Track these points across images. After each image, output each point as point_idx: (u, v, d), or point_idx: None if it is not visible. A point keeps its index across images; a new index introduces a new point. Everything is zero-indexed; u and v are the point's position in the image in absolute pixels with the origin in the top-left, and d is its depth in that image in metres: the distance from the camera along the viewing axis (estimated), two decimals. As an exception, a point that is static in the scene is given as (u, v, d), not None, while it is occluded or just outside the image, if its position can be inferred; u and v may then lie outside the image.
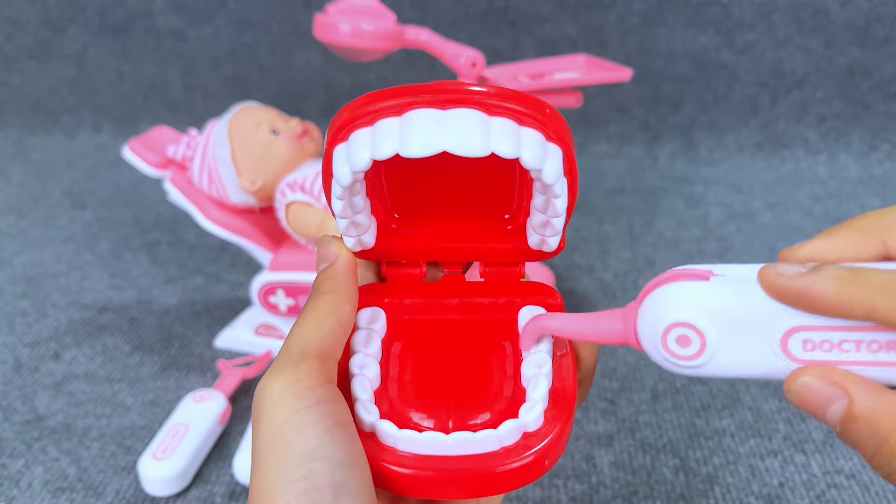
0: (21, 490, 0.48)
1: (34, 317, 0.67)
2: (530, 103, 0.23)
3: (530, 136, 0.23)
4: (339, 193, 0.24)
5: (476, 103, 0.23)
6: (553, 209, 0.25)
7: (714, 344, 0.22)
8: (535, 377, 0.25)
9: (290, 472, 0.20)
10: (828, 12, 0.98)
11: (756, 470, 0.49)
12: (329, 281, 0.25)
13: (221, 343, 0.63)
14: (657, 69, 1.03)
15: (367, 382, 0.25)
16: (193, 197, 0.58)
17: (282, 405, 0.21)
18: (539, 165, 0.23)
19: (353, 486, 0.21)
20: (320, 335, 0.23)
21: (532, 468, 0.23)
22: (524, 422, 0.24)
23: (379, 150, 0.23)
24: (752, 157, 1.04)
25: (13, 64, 1.13)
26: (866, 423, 0.19)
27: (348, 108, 0.24)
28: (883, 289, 0.19)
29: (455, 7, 1.01)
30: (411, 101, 0.23)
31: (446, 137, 0.22)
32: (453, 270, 0.30)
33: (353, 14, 0.54)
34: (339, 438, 0.21)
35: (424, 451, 0.23)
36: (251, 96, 1.06)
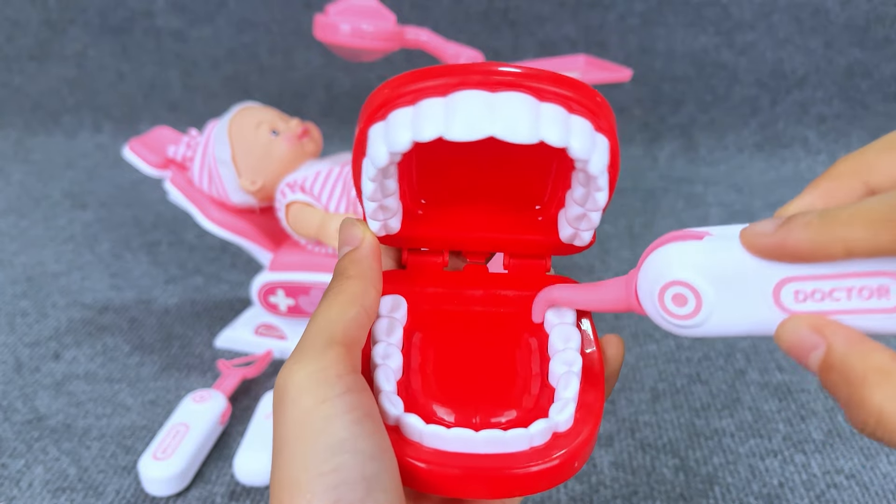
0: (21, 490, 0.48)
1: (34, 317, 0.67)
2: (581, 90, 0.22)
3: (580, 125, 0.22)
4: (373, 175, 0.23)
5: (527, 87, 0.22)
6: (593, 202, 0.24)
7: (710, 301, 0.22)
8: (566, 375, 0.24)
9: (319, 464, 0.20)
10: (828, 12, 0.98)
11: (756, 470, 0.49)
12: (354, 265, 0.24)
13: (221, 343, 0.63)
14: (657, 69, 1.03)
15: (390, 373, 0.24)
16: (193, 197, 0.58)
17: (308, 393, 0.21)
18: (587, 156, 0.22)
19: (384, 481, 0.20)
20: (346, 321, 0.23)
21: (561, 470, 0.23)
22: (555, 422, 0.23)
23: (421, 131, 0.21)
24: (752, 158, 1.04)
25: (13, 64, 1.13)
26: (840, 370, 0.19)
27: (388, 86, 0.23)
28: (851, 222, 0.19)
29: (455, 7, 1.01)
30: (459, 82, 0.22)
31: (494, 122, 0.21)
32: (476, 261, 0.29)
33: (353, 14, 0.54)
34: (369, 430, 0.21)
35: (451, 447, 0.22)
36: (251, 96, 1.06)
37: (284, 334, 0.61)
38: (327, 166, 0.56)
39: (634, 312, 0.24)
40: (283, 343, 0.61)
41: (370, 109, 0.23)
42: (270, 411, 0.51)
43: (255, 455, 0.48)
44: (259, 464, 0.47)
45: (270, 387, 0.57)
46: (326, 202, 0.55)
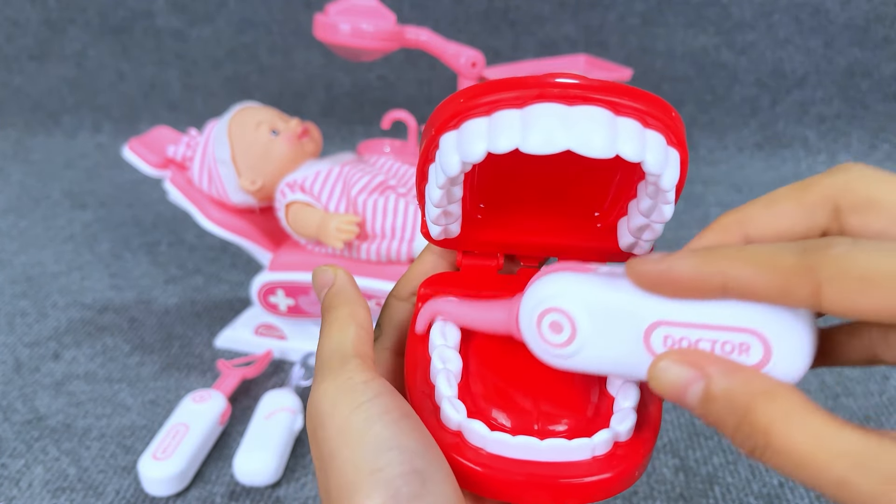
0: (21, 490, 0.48)
1: (34, 317, 0.67)
2: (656, 104, 0.22)
3: (654, 140, 0.22)
4: (442, 182, 0.23)
5: (604, 101, 0.22)
6: (660, 214, 0.24)
7: (584, 333, 0.22)
8: (626, 385, 0.24)
9: (370, 462, 0.20)
10: (828, 12, 0.98)
11: (756, 470, 0.49)
12: (336, 297, 0.26)
13: (221, 343, 0.63)
14: (657, 69, 1.03)
15: (451, 377, 0.24)
16: (193, 197, 0.58)
17: (342, 404, 0.21)
18: (660, 171, 0.22)
19: (436, 475, 0.21)
20: (350, 339, 0.24)
21: (622, 479, 0.23)
22: (617, 431, 0.23)
23: (496, 142, 0.21)
24: (752, 157, 1.04)
25: (13, 64, 1.13)
26: (725, 399, 0.19)
27: (463, 95, 0.22)
28: (734, 259, 0.19)
29: (455, 7, 1.01)
30: (536, 94, 0.21)
31: (571, 136, 0.21)
32: (530, 265, 0.29)
33: (354, 14, 0.54)
34: (409, 428, 0.21)
35: (514, 454, 0.23)
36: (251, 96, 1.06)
37: (284, 334, 0.61)
38: (327, 166, 0.56)
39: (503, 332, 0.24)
40: (283, 343, 0.61)
41: (443, 118, 0.23)
42: (270, 411, 0.51)
43: (254, 455, 0.48)
44: (259, 464, 0.47)
45: (270, 387, 0.57)
46: (326, 202, 0.55)
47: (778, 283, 0.19)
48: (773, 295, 0.19)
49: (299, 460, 0.50)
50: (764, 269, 0.19)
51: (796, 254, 0.19)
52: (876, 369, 0.59)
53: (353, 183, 0.55)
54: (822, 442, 0.17)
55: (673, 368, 0.20)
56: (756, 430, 0.18)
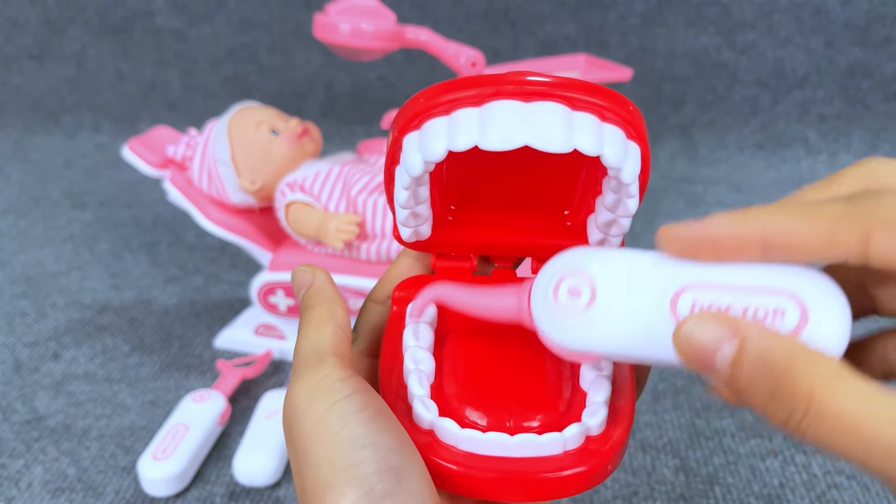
0: (21, 490, 0.48)
1: (34, 317, 0.67)
2: (613, 99, 0.22)
3: (612, 134, 0.22)
4: (407, 183, 0.24)
5: (560, 97, 0.22)
6: (624, 208, 0.24)
7: (604, 296, 0.21)
8: (597, 380, 0.25)
9: (344, 459, 0.20)
10: (828, 12, 0.98)
11: (756, 470, 0.49)
12: (314, 297, 0.26)
13: (221, 343, 0.63)
14: (657, 69, 1.03)
15: (423, 377, 0.25)
16: (193, 197, 0.58)
17: (317, 401, 0.21)
18: (619, 164, 0.22)
19: (411, 472, 0.21)
20: (327, 338, 0.24)
21: (595, 473, 0.23)
22: (588, 426, 0.23)
23: (456, 141, 0.22)
24: (752, 157, 1.04)
25: (13, 64, 1.13)
26: (761, 360, 0.18)
27: (423, 96, 0.23)
28: (777, 210, 0.18)
29: (455, 7, 1.01)
30: (493, 92, 0.22)
31: (528, 131, 0.21)
32: (504, 265, 0.29)
33: (353, 14, 0.54)
34: (384, 426, 0.21)
35: (487, 451, 0.23)
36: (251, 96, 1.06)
37: (284, 334, 0.61)
38: (327, 166, 0.56)
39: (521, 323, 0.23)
40: (282, 343, 0.61)
41: (405, 119, 0.23)
42: (270, 412, 0.51)
43: (254, 455, 0.48)
44: (258, 464, 0.47)
45: (270, 387, 0.57)
46: (326, 202, 0.55)
47: (825, 232, 0.18)
48: (818, 246, 0.18)
49: (299, 461, 0.50)
50: (810, 217, 0.18)
51: (844, 204, 0.18)
52: (876, 369, 0.59)
53: (353, 183, 0.55)
54: (871, 407, 0.16)
55: (704, 326, 0.19)
56: (797, 394, 0.17)
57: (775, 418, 0.18)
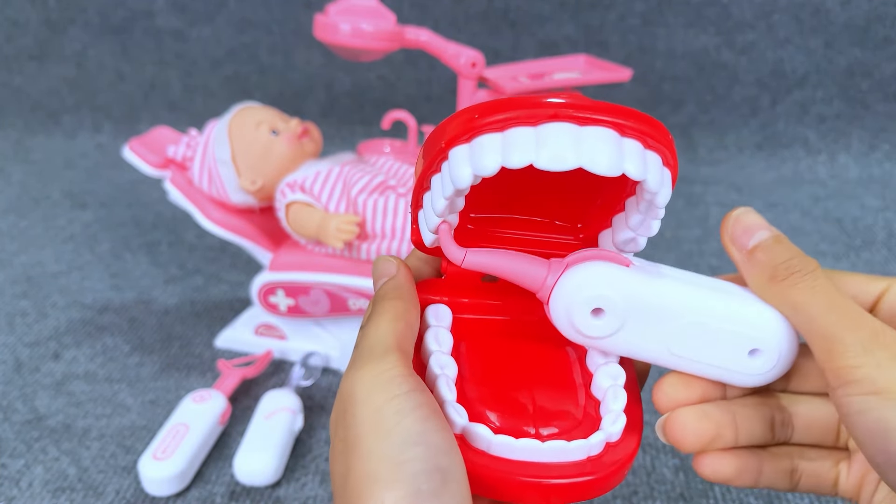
0: (21, 490, 0.48)
1: (34, 317, 0.67)
2: (656, 128, 0.24)
3: (654, 160, 0.24)
4: (450, 194, 0.24)
5: (611, 123, 0.23)
6: (647, 229, 0.26)
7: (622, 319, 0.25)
8: (613, 388, 0.26)
9: (396, 455, 0.20)
10: (828, 12, 0.98)
11: (756, 470, 0.49)
12: (394, 290, 0.26)
13: (221, 343, 0.63)
14: (657, 69, 1.03)
15: (451, 382, 0.25)
16: (193, 197, 0.58)
17: (378, 392, 0.22)
18: (658, 189, 0.24)
19: (456, 474, 0.21)
20: (397, 333, 0.24)
21: (614, 477, 0.24)
22: (609, 432, 0.25)
23: (510, 158, 0.23)
24: (752, 157, 1.04)
25: (13, 64, 1.13)
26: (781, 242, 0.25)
27: (478, 111, 0.24)
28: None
29: (455, 7, 1.01)
30: (551, 115, 0.23)
31: (581, 155, 0.22)
32: None
33: (354, 14, 0.54)
34: (437, 426, 0.22)
35: (517, 456, 0.24)
36: (251, 96, 1.06)
37: (284, 334, 0.61)
38: (327, 166, 0.56)
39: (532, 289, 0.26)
40: (283, 343, 0.61)
41: (456, 131, 0.24)
42: (270, 411, 0.51)
43: (254, 455, 0.48)
44: (259, 464, 0.47)
45: (270, 387, 0.57)
46: (326, 202, 0.55)
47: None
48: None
49: (299, 460, 0.50)
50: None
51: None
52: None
53: (353, 183, 0.55)
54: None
55: (749, 216, 0.27)
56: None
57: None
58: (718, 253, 0.79)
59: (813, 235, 0.83)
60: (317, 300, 0.58)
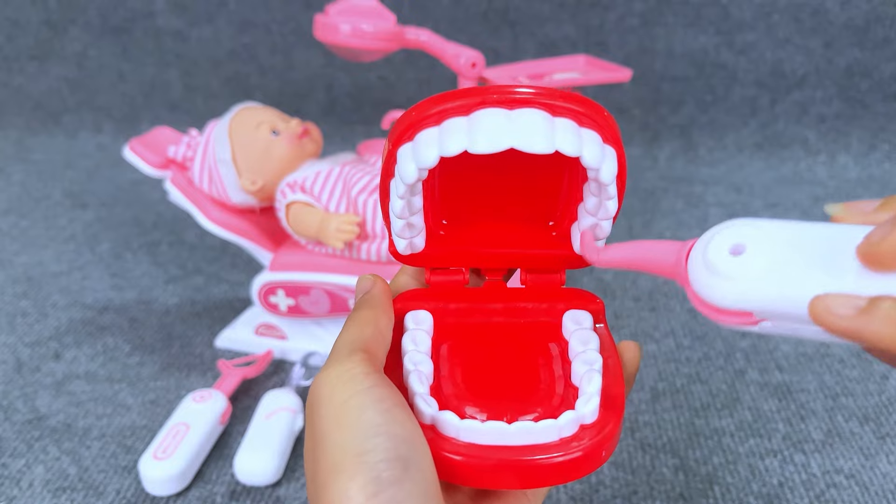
0: (22, 490, 0.48)
1: (35, 317, 0.67)
2: (589, 106, 0.24)
3: (590, 137, 0.24)
4: (402, 192, 0.25)
5: (541, 104, 0.24)
6: (605, 211, 0.26)
7: (762, 256, 0.21)
8: (588, 373, 0.26)
9: (358, 445, 0.21)
10: (827, 12, 0.98)
11: (755, 469, 0.49)
12: (367, 301, 0.28)
13: (222, 343, 0.63)
14: (657, 69, 1.03)
15: (423, 377, 0.26)
16: (194, 197, 0.58)
17: (340, 389, 0.23)
18: (598, 165, 0.24)
19: (419, 462, 0.22)
20: (364, 337, 0.25)
21: (589, 459, 0.24)
22: (581, 413, 0.24)
23: (447, 146, 0.23)
24: (751, 158, 1.04)
25: (14, 64, 1.13)
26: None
27: (415, 109, 0.25)
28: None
29: (455, 7, 1.01)
30: (479, 102, 0.24)
31: (513, 134, 0.23)
32: (494, 277, 0.31)
33: (354, 14, 0.54)
34: (400, 418, 0.22)
35: (486, 440, 0.24)
36: (252, 97, 1.06)
37: (284, 334, 0.61)
38: (327, 166, 0.56)
39: (672, 278, 0.24)
40: (283, 343, 0.61)
41: (398, 132, 0.25)
42: (271, 411, 0.51)
43: (255, 455, 0.48)
44: (259, 463, 0.47)
45: (271, 386, 0.57)
46: (326, 202, 0.55)
47: None
48: None
49: (300, 460, 0.50)
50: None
51: None
52: (875, 369, 0.59)
53: (353, 183, 0.55)
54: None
55: (837, 300, 0.20)
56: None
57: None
58: (718, 253, 0.79)
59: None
60: (317, 300, 0.58)
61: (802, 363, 0.60)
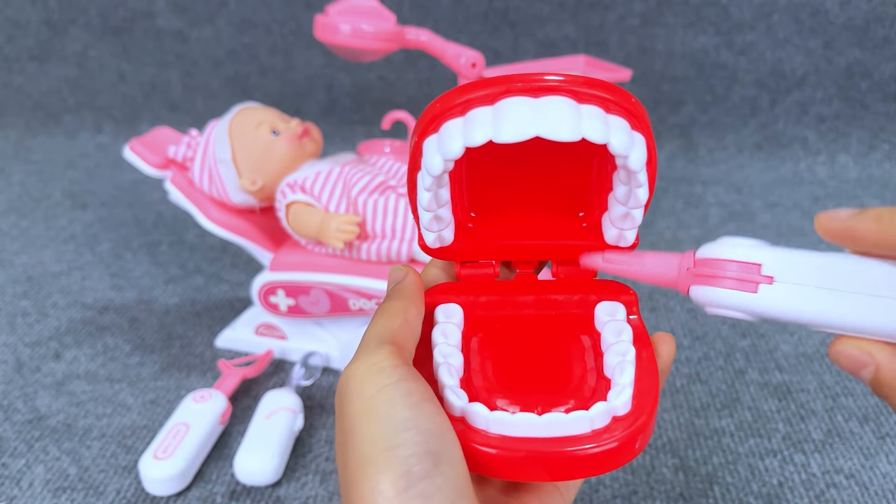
0: (22, 490, 0.48)
1: (35, 317, 0.67)
2: (617, 93, 0.24)
3: (617, 123, 0.24)
4: (428, 184, 0.25)
5: (566, 91, 0.23)
6: (635, 199, 0.26)
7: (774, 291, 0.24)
8: (621, 364, 0.26)
9: (387, 439, 0.21)
10: (827, 13, 0.98)
11: (755, 469, 0.49)
12: (397, 291, 0.27)
13: (222, 343, 0.63)
14: (657, 69, 1.03)
15: (453, 369, 0.26)
16: (194, 197, 0.58)
17: (369, 382, 0.23)
18: (626, 152, 0.23)
19: (449, 456, 0.22)
20: (393, 328, 0.25)
21: (623, 450, 0.24)
22: (614, 405, 0.24)
23: (472, 137, 0.23)
24: (751, 158, 1.04)
25: (14, 64, 1.13)
26: (890, 384, 0.23)
27: (440, 101, 0.24)
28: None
29: (455, 7, 1.01)
30: (504, 91, 0.23)
31: (539, 123, 0.22)
32: (525, 270, 0.30)
33: (354, 15, 0.54)
34: (429, 412, 0.22)
35: (516, 432, 0.23)
36: (252, 97, 1.06)
37: (285, 334, 0.61)
38: (328, 166, 0.56)
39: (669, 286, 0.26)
40: (283, 343, 0.61)
41: (423, 124, 0.25)
42: (271, 411, 0.51)
43: (255, 455, 0.48)
44: (259, 463, 0.47)
45: (271, 386, 0.58)
46: (326, 202, 0.55)
47: None
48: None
49: (300, 460, 0.50)
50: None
51: None
52: (875, 369, 0.59)
53: (353, 183, 0.55)
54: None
55: (847, 352, 0.24)
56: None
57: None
58: (718, 253, 0.79)
59: (813, 236, 0.83)
60: (317, 300, 0.58)
61: (802, 363, 0.60)
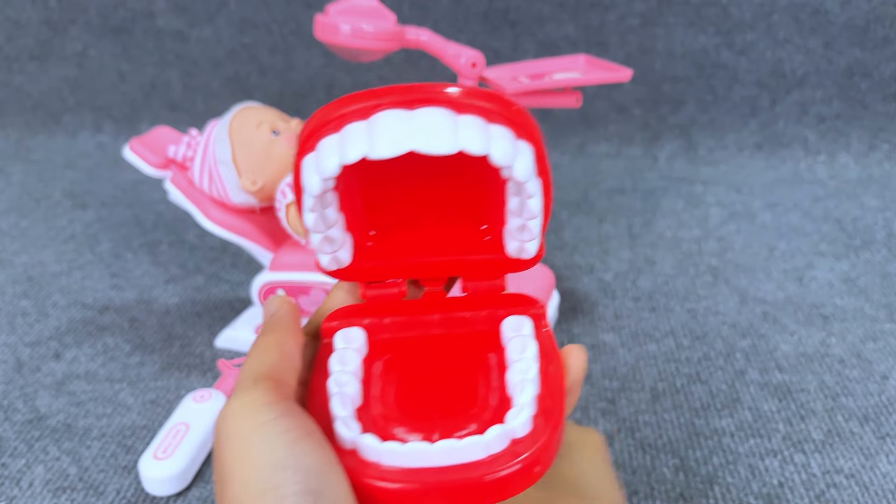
0: (22, 490, 0.48)
1: (35, 316, 0.67)
2: (498, 101, 0.23)
3: (499, 133, 0.23)
4: (311, 205, 0.24)
5: (444, 102, 0.22)
6: (528, 211, 0.25)
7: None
8: (521, 383, 0.24)
9: (263, 482, 0.20)
10: (827, 12, 0.98)
11: (755, 470, 0.49)
12: (272, 324, 0.26)
13: (222, 343, 0.63)
14: (657, 69, 1.03)
15: (346, 399, 0.24)
16: (194, 197, 0.58)
17: (243, 422, 0.21)
18: (509, 162, 0.23)
19: (332, 495, 0.20)
20: (269, 363, 0.24)
21: (522, 476, 0.22)
22: (511, 427, 0.23)
23: (347, 154, 0.22)
24: (751, 158, 1.04)
25: (14, 64, 1.13)
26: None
27: (314, 118, 0.24)
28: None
29: (455, 7, 1.01)
30: (377, 104, 0.22)
31: (414, 136, 0.22)
32: (434, 287, 0.29)
33: (354, 14, 0.54)
34: (308, 448, 0.21)
35: (409, 463, 0.22)
36: (252, 96, 1.06)
37: (285, 334, 0.61)
38: (327, 166, 0.56)
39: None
40: (283, 343, 0.61)
41: (300, 142, 0.24)
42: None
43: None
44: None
45: (271, 386, 0.57)
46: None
47: None
48: None
49: (300, 460, 0.50)
50: None
51: None
52: (875, 369, 0.59)
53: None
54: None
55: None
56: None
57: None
58: (718, 253, 0.79)
59: (813, 235, 0.83)
60: (317, 300, 0.58)
61: (802, 363, 0.60)
